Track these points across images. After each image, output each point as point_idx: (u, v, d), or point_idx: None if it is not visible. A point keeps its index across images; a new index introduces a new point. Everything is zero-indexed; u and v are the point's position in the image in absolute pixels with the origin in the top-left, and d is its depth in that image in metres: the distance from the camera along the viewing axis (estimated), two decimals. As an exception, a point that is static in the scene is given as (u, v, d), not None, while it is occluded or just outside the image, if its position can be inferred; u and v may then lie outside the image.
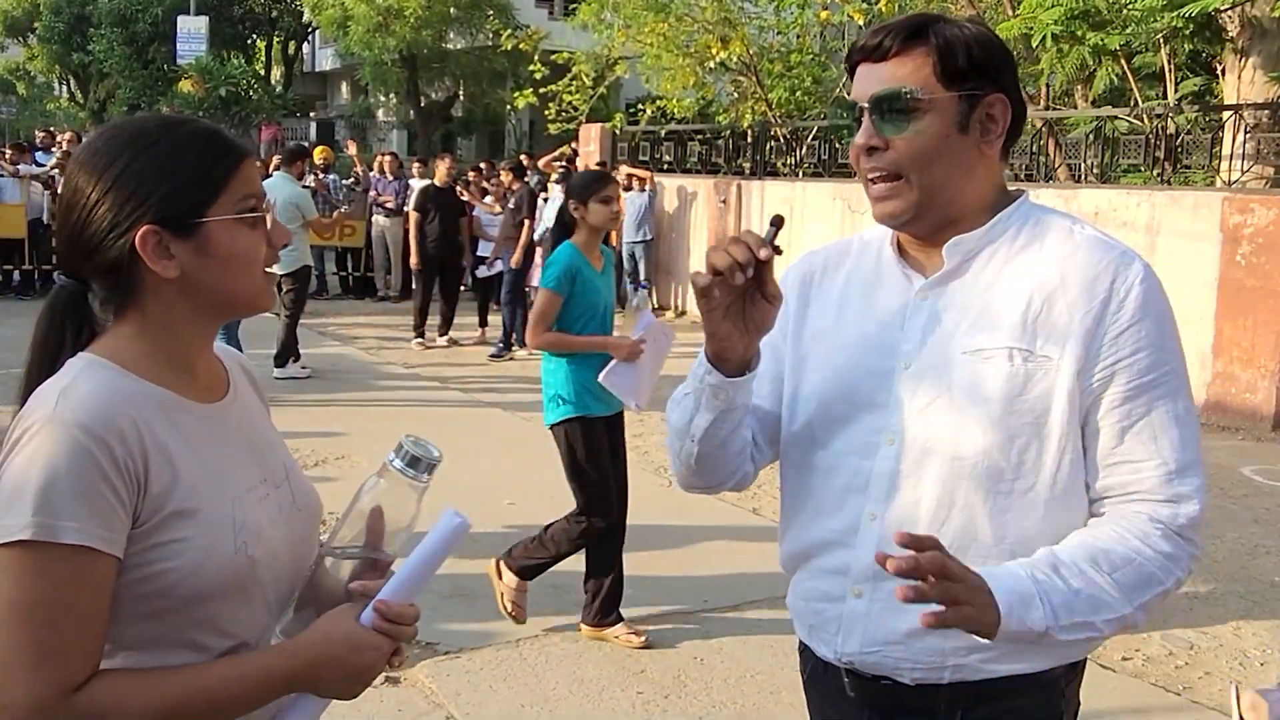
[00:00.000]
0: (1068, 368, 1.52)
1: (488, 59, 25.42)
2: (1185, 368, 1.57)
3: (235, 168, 1.36)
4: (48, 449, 1.22)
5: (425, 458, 1.36)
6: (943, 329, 1.58)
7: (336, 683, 1.34)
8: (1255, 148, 9.24)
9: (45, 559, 1.21)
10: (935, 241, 1.61)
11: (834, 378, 1.65)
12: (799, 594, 1.73)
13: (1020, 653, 1.57)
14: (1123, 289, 1.52)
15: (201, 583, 1.30)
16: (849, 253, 1.75)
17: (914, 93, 1.54)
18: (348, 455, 6.56)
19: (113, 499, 1.24)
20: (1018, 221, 1.62)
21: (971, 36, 1.57)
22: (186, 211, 1.32)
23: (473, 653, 4.19)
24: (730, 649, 4.29)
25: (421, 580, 1.37)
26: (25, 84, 40.47)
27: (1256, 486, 6.94)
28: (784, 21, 14.27)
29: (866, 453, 1.61)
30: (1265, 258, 8.31)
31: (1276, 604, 4.97)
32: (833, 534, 1.64)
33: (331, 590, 1.41)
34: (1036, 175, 11.05)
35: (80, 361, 1.32)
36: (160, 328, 1.36)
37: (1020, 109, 1.61)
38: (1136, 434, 1.52)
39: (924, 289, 1.61)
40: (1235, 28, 9.99)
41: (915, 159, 1.55)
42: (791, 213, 12.60)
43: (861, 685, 1.66)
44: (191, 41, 27.31)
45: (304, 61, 36.22)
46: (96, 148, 1.36)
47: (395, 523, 1.39)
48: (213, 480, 1.34)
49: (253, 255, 1.37)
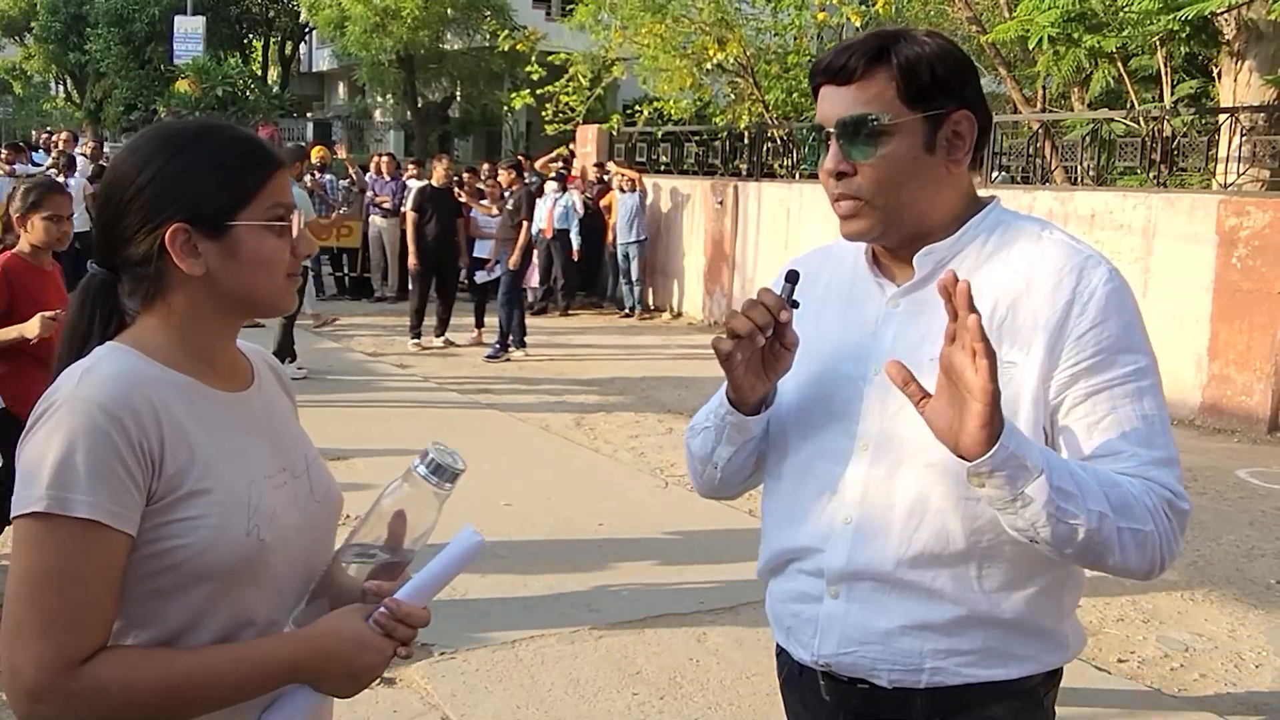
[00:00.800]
0: (1032, 371, 1.53)
1: (485, 60, 25.44)
2: (1155, 366, 1.56)
3: (269, 177, 1.41)
4: (66, 426, 1.27)
5: (449, 466, 1.39)
6: (912, 336, 1.60)
7: (338, 678, 1.36)
8: (1251, 150, 9.25)
9: (57, 530, 1.26)
10: (906, 252, 1.63)
11: (810, 385, 1.67)
12: (776, 596, 1.75)
13: (999, 659, 1.59)
14: (1086, 291, 1.53)
15: (211, 561, 1.33)
16: (828, 260, 1.77)
17: (879, 119, 1.55)
18: (343, 456, 6.55)
19: (126, 477, 1.28)
20: (987, 229, 1.63)
21: (933, 54, 1.57)
22: (217, 213, 1.38)
23: (468, 654, 4.19)
24: (726, 651, 4.29)
25: (435, 589, 1.41)
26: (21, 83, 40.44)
27: (1252, 489, 6.95)
28: (781, 23, 14.28)
29: (840, 458, 1.62)
30: (1261, 260, 8.33)
31: (1272, 606, 4.97)
32: (808, 539, 1.65)
33: (347, 588, 1.43)
34: (1033, 177, 11.07)
35: (106, 348, 1.38)
36: (184, 320, 1.41)
37: (985, 120, 1.61)
38: (1105, 431, 1.52)
39: (895, 297, 1.64)
40: (1232, 31, 10.01)
41: (882, 185, 1.57)
42: (788, 215, 12.62)
43: (838, 689, 1.66)
44: (188, 41, 27.28)
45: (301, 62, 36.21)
46: (137, 145, 1.42)
47: (415, 528, 1.42)
48: (230, 464, 1.38)
49: (277, 261, 1.42)
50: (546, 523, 5.76)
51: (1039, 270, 1.56)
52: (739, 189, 13.47)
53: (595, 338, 12.37)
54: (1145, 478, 1.50)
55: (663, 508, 6.13)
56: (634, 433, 7.89)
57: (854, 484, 1.61)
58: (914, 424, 1.55)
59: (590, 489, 6.52)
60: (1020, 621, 1.59)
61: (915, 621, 1.58)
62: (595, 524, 5.81)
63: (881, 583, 1.59)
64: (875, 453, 1.60)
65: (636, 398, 9.14)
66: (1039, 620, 1.60)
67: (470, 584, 4.70)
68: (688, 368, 10.23)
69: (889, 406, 1.59)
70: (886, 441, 1.59)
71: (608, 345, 11.80)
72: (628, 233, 13.79)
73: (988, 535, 1.55)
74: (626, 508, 6.09)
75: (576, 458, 7.27)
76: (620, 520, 5.89)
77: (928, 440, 1.54)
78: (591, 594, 4.84)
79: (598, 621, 4.52)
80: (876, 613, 1.59)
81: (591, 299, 14.88)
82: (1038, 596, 1.59)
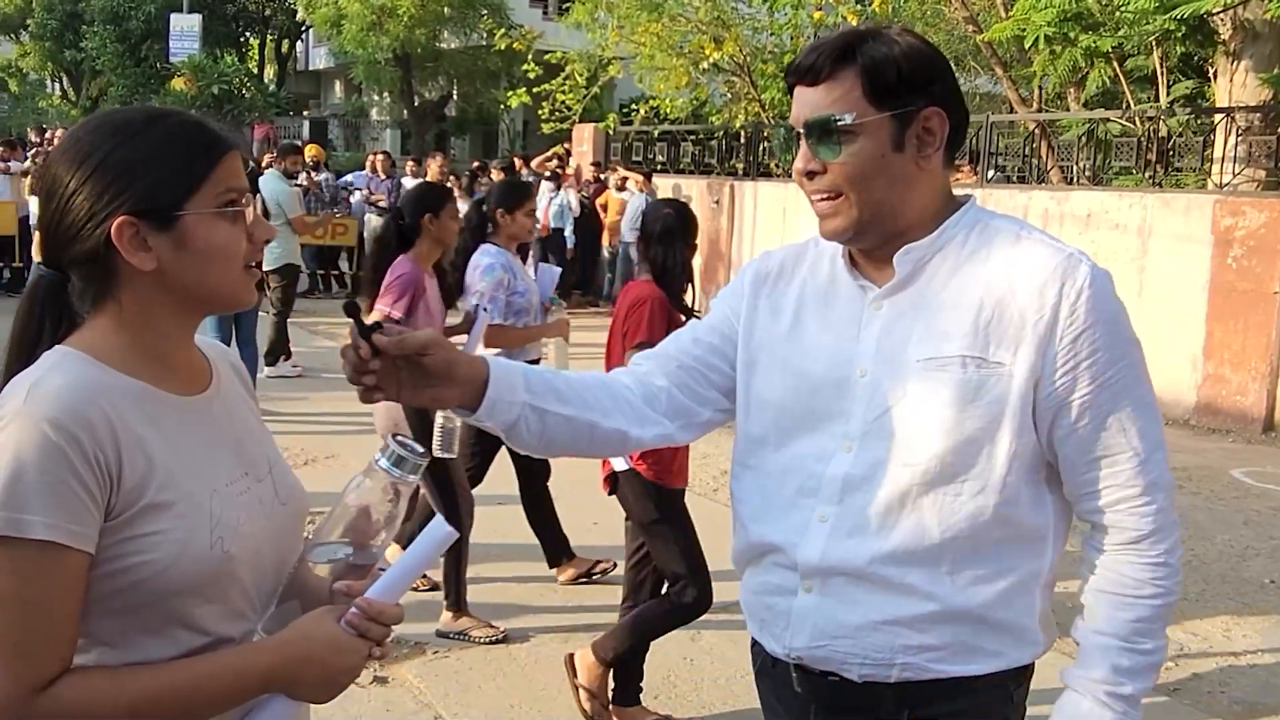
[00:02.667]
0: (1020, 373, 1.55)
1: (481, 58, 25.41)
2: (1142, 359, 1.61)
3: (217, 161, 1.34)
4: (15, 443, 1.20)
5: (411, 458, 1.35)
6: (896, 338, 1.61)
7: (313, 684, 1.32)
8: (1247, 150, 9.25)
9: (12, 554, 1.20)
10: (884, 253, 1.63)
11: (792, 385, 1.68)
12: (750, 589, 1.76)
13: (969, 654, 1.61)
14: (1073, 292, 1.54)
15: (176, 577, 1.28)
16: (804, 259, 1.76)
17: (843, 119, 1.56)
18: (337, 454, 6.53)
19: (83, 493, 1.22)
20: (965, 228, 1.63)
21: (901, 53, 1.57)
22: (165, 204, 1.31)
23: (461, 652, 4.18)
24: (720, 650, 4.28)
25: (406, 584, 1.37)
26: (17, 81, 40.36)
27: (1246, 489, 6.95)
28: (777, 22, 14.27)
29: (822, 458, 1.63)
30: (1256, 260, 8.33)
31: (1266, 606, 4.97)
32: (784, 533, 1.67)
33: (316, 587, 1.39)
34: (1029, 177, 11.07)
35: (55, 354, 1.31)
36: (137, 320, 1.34)
37: (960, 116, 1.62)
38: (1107, 431, 1.57)
39: (877, 299, 1.64)
40: (1227, 31, 10.01)
41: (852, 180, 1.58)
42: (784, 214, 12.61)
43: (809, 681, 1.68)
44: (184, 39, 27.23)
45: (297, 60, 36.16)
46: (78, 137, 1.34)
47: (380, 523, 1.38)
48: (190, 473, 1.32)
49: (231, 250, 1.35)
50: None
51: (1022, 271, 1.57)
52: (735, 188, 13.47)
53: (591, 335, 12.33)
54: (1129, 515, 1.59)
55: (657, 506, 6.11)
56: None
57: (833, 482, 1.62)
58: (897, 425, 1.58)
59: (584, 487, 6.50)
60: (992, 617, 1.61)
61: (887, 617, 1.59)
62: (590, 522, 5.79)
63: (855, 578, 1.60)
64: (858, 452, 1.61)
65: (632, 396, 9.12)
66: (1011, 616, 1.62)
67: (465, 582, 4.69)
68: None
69: (873, 408, 1.60)
70: (869, 442, 1.60)
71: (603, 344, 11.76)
72: (630, 233, 13.78)
73: (962, 532, 1.57)
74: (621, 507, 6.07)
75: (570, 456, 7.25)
76: (614, 518, 5.86)
77: (909, 440, 1.57)
78: (585, 592, 4.83)
79: (592, 620, 4.51)
80: (848, 608, 1.61)
81: (587, 297, 14.87)
82: (1009, 592, 1.61)
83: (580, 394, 1.70)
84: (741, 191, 13.42)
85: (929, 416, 1.56)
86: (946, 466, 1.56)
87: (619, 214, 13.96)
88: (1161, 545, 1.59)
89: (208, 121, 1.40)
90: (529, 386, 1.64)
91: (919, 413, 1.57)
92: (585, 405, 1.69)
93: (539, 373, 1.68)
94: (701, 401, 1.78)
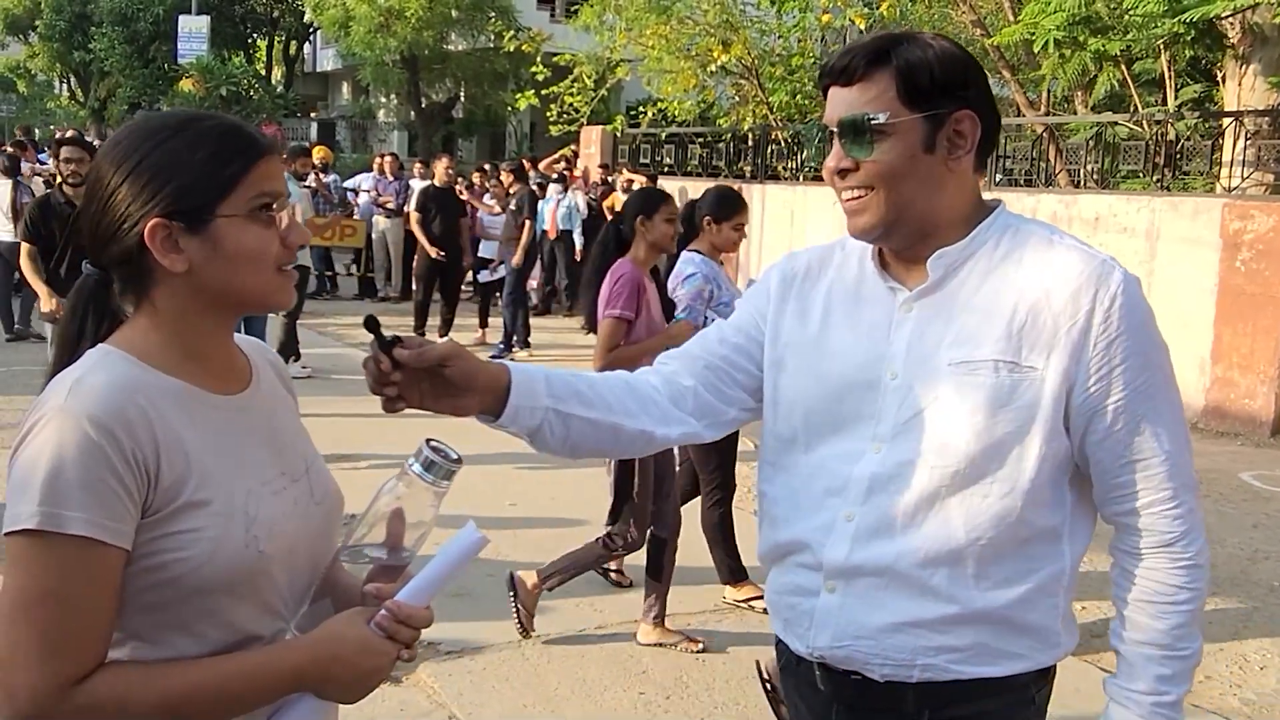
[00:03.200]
0: (1053, 378, 1.57)
1: (489, 60, 25.42)
2: (1169, 363, 1.65)
3: (251, 165, 1.35)
4: (56, 440, 1.23)
5: (444, 462, 1.37)
6: (928, 341, 1.62)
7: (342, 684, 1.33)
8: (1255, 154, 9.26)
9: (51, 549, 1.22)
10: (914, 255, 1.65)
11: (821, 386, 1.69)
12: (775, 588, 1.78)
13: (991, 656, 1.62)
14: (1106, 299, 1.57)
15: (210, 574, 1.29)
16: (831, 260, 1.78)
17: (876, 118, 1.58)
18: (348, 455, 6.56)
19: (120, 490, 1.24)
20: (997, 232, 1.65)
21: (935, 56, 1.59)
22: (196, 207, 1.32)
23: (475, 653, 4.20)
24: (732, 650, 4.30)
25: (436, 588, 1.38)
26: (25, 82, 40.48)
27: (1255, 492, 6.96)
28: (785, 25, 14.30)
29: (851, 459, 1.64)
30: (1265, 264, 8.34)
31: (1276, 609, 4.98)
32: (809, 533, 1.68)
33: (349, 586, 1.41)
34: (1037, 180, 11.07)
35: (97, 353, 1.33)
36: (174, 319, 1.37)
37: (992, 121, 1.64)
38: (1141, 435, 1.60)
39: (908, 301, 1.65)
40: (1236, 34, 10.02)
41: (881, 181, 1.60)
42: (792, 217, 12.63)
43: (832, 678, 1.69)
44: (193, 41, 27.32)
45: (305, 62, 36.24)
46: (119, 139, 1.37)
47: (413, 527, 1.39)
48: (227, 472, 1.34)
49: (263, 253, 1.36)
50: (551, 523, 5.77)
51: (1056, 277, 1.59)
52: (742, 190, 13.47)
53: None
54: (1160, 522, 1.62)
55: (667, 508, 6.13)
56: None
57: (861, 483, 1.63)
58: (929, 428, 1.59)
59: (594, 489, 6.52)
60: (1014, 619, 1.62)
61: (909, 619, 1.61)
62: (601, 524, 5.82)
63: (878, 579, 1.62)
64: (886, 454, 1.62)
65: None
66: (1033, 618, 1.63)
67: (476, 584, 4.71)
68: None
69: (904, 410, 1.61)
70: (899, 443, 1.61)
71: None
72: (633, 234, 13.80)
73: (987, 534, 1.58)
74: (631, 508, 6.09)
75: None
76: (625, 520, 5.90)
77: (938, 442, 1.58)
78: (597, 594, 4.85)
79: (603, 621, 4.54)
80: (871, 609, 1.62)
81: (595, 299, 14.89)
82: (1033, 594, 1.62)
83: (604, 396, 1.71)
84: (749, 194, 13.40)
85: (960, 420, 1.58)
86: (976, 469, 1.57)
87: (626, 216, 13.97)
88: (1193, 547, 1.61)
89: (246, 125, 1.41)
90: (551, 391, 1.66)
91: (950, 416, 1.58)
92: (609, 408, 1.71)
93: (561, 376, 1.69)
94: (728, 401, 1.79)
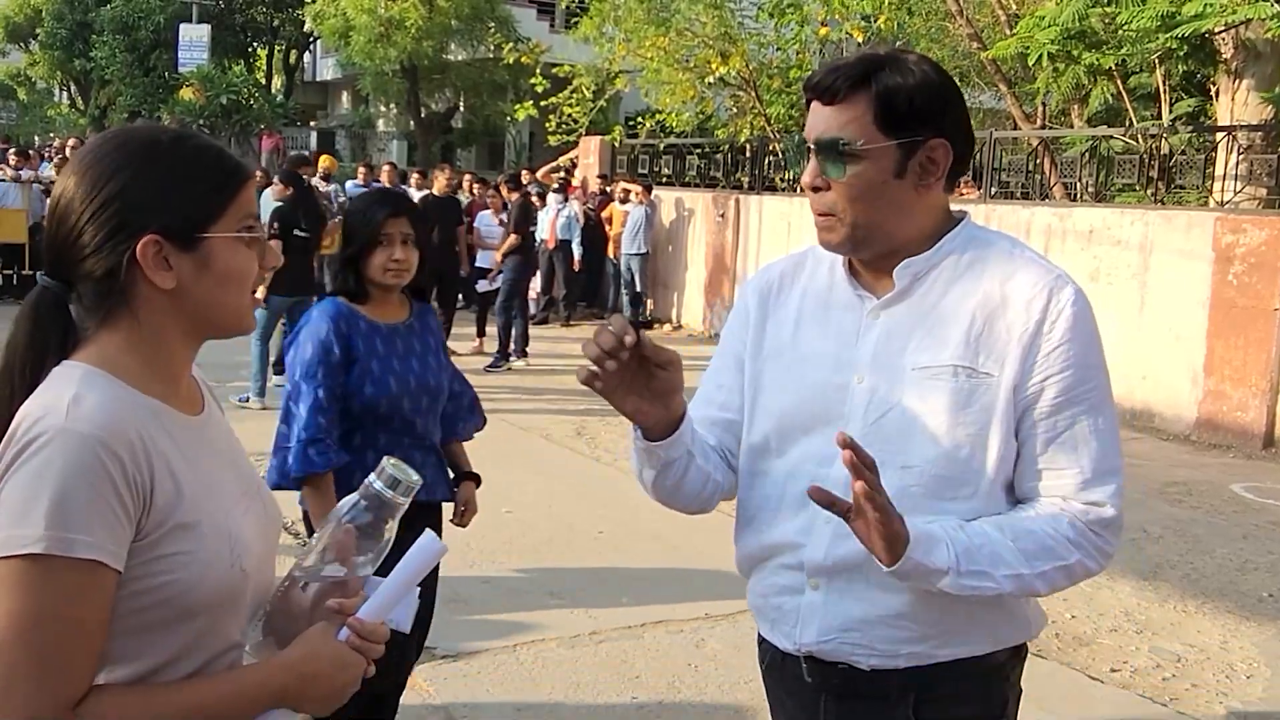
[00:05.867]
0: (1007, 382, 1.64)
1: (488, 71, 25.49)
2: (1108, 383, 1.70)
3: (240, 187, 1.38)
4: (61, 460, 1.21)
5: (405, 480, 1.38)
6: (893, 346, 1.70)
7: (320, 698, 1.35)
8: (1248, 168, 9.32)
9: (55, 572, 1.20)
10: (882, 265, 1.73)
11: (793, 391, 1.76)
12: (758, 591, 1.85)
13: (968, 638, 1.71)
14: (1055, 310, 1.64)
15: (201, 595, 1.31)
16: (804, 266, 1.85)
17: (850, 144, 1.64)
18: (346, 462, 6.60)
19: (121, 513, 1.24)
20: (962, 244, 1.72)
21: (914, 85, 1.65)
22: (191, 225, 1.33)
23: (470, 657, 4.24)
24: (724, 656, 4.34)
25: (396, 600, 1.40)
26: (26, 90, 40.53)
27: (1246, 503, 7.01)
28: (783, 38, 14.38)
29: (824, 461, 1.70)
30: (1257, 277, 8.40)
31: (1264, 618, 5.03)
32: (791, 534, 1.75)
33: (299, 607, 1.40)
34: (1032, 193, 11.14)
35: (77, 370, 1.31)
36: (151, 338, 1.36)
37: (965, 148, 1.70)
38: (1060, 444, 1.66)
39: (875, 308, 1.73)
40: (1229, 49, 10.09)
41: (850, 202, 1.67)
42: (789, 228, 12.69)
43: (820, 670, 1.76)
44: (193, 49, 27.38)
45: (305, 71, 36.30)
46: (102, 154, 1.35)
47: (370, 542, 1.40)
48: (209, 493, 1.35)
49: (247, 274, 1.39)
50: (547, 530, 5.82)
51: (1013, 287, 1.66)
52: (740, 202, 13.55)
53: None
54: (1078, 500, 1.65)
55: (661, 516, 6.14)
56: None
57: (836, 484, 1.67)
58: (894, 431, 1.67)
59: (590, 497, 6.58)
60: (986, 603, 1.69)
61: (892, 610, 1.69)
62: (595, 531, 5.87)
63: (859, 574, 1.69)
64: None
65: (637, 408, 9.19)
66: (1002, 601, 1.71)
67: (472, 589, 4.76)
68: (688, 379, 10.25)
69: (870, 413, 1.69)
70: (868, 445, 1.66)
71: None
72: (631, 244, 13.86)
73: None
74: (626, 516, 6.14)
75: (577, 466, 7.33)
76: (619, 528, 5.95)
77: (906, 444, 1.66)
78: (591, 599, 4.89)
79: (597, 626, 4.58)
80: (854, 603, 1.70)
81: (593, 310, 14.95)
82: None
83: (704, 449, 1.81)
84: (746, 205, 13.50)
85: (924, 422, 1.66)
86: (941, 469, 1.65)
87: (623, 226, 14.06)
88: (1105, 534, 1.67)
89: (225, 147, 1.46)
90: (692, 436, 1.76)
91: (914, 418, 1.66)
92: (705, 458, 1.81)
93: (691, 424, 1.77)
94: None
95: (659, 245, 14.44)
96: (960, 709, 1.74)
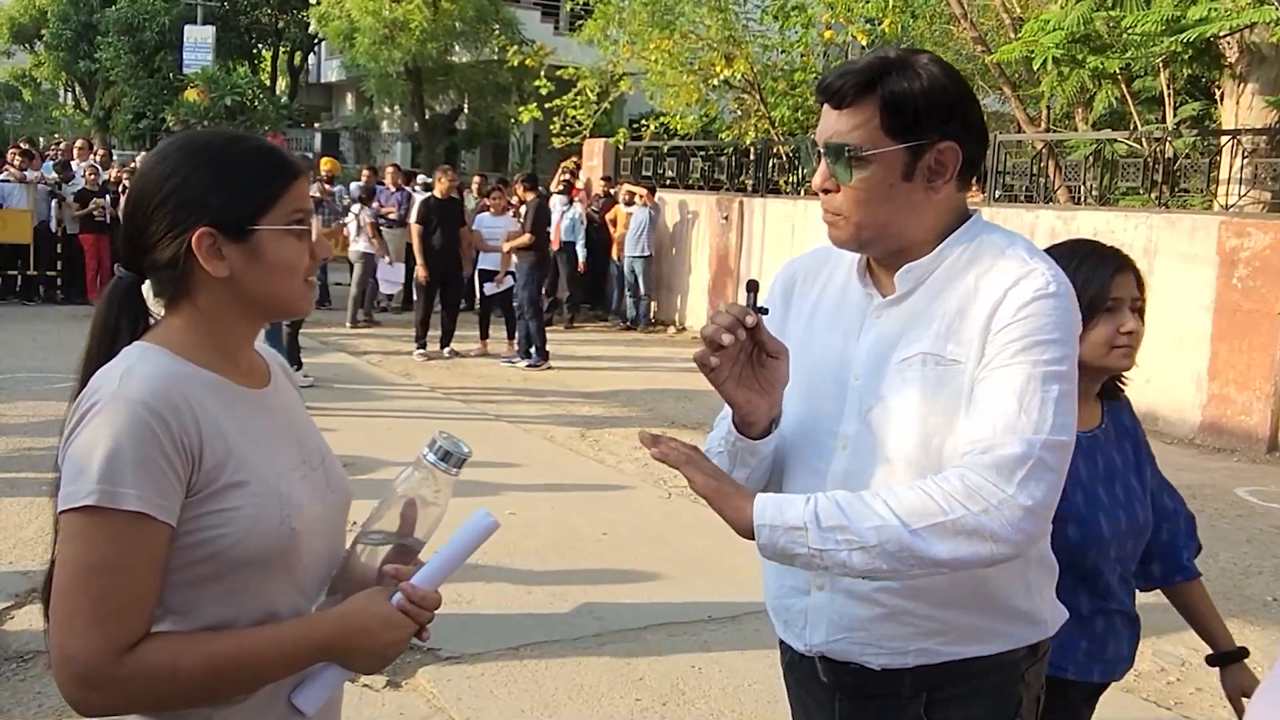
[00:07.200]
0: (969, 369, 1.63)
1: (492, 73, 25.52)
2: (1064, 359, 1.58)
3: (290, 183, 1.48)
4: (112, 423, 1.33)
5: (456, 452, 1.48)
6: (884, 343, 1.71)
7: (366, 654, 1.44)
8: (1253, 172, 9.32)
9: (107, 524, 1.33)
10: (891, 264, 1.74)
11: (803, 385, 1.77)
12: (772, 592, 1.86)
13: (976, 637, 1.70)
14: (1016, 294, 1.60)
15: (248, 550, 1.40)
16: (827, 262, 1.86)
17: (857, 149, 1.65)
18: (350, 464, 6.61)
19: (169, 470, 1.35)
20: (963, 244, 1.71)
21: (921, 88, 1.64)
22: (241, 218, 1.45)
23: (474, 658, 4.24)
24: (728, 659, 4.34)
25: (449, 570, 1.49)
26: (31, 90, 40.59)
27: (1251, 507, 7.00)
28: (788, 40, 14.38)
29: (825, 455, 1.73)
30: (1261, 281, 8.39)
31: (1269, 622, 5.02)
32: None
33: (363, 574, 1.51)
34: (1036, 197, 11.14)
35: (137, 348, 1.44)
36: (209, 320, 1.48)
37: (976, 149, 1.69)
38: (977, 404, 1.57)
39: (879, 308, 1.74)
40: (1234, 53, 10.09)
41: (857, 204, 1.68)
42: (793, 230, 12.70)
43: (833, 669, 1.78)
44: (197, 51, 27.44)
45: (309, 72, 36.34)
46: (166, 154, 1.49)
47: (426, 513, 1.50)
48: (261, 456, 1.45)
49: (296, 264, 1.49)
50: (551, 532, 5.82)
51: (988, 279, 1.65)
52: (744, 204, 13.55)
53: (599, 350, 12.43)
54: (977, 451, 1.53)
55: (665, 518, 6.18)
56: (637, 444, 7.93)
57: (835, 479, 1.70)
58: (878, 423, 1.68)
59: (594, 499, 6.58)
60: (991, 600, 1.69)
61: (895, 608, 1.69)
62: (599, 534, 5.87)
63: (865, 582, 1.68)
64: (853, 450, 1.71)
65: (640, 410, 9.20)
66: (1009, 599, 1.71)
67: (476, 591, 4.76)
68: (691, 381, 10.27)
69: (860, 409, 1.70)
70: (862, 440, 1.70)
71: (612, 358, 11.86)
72: (634, 247, 13.87)
73: None
74: (629, 518, 6.15)
75: (580, 468, 7.33)
76: (623, 530, 5.95)
77: (896, 439, 1.67)
78: (594, 601, 4.89)
79: (601, 629, 4.58)
80: (857, 602, 1.71)
81: (596, 312, 14.96)
82: (1001, 576, 1.68)
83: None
84: (750, 208, 13.51)
85: (901, 414, 1.66)
86: (921, 459, 1.64)
87: (627, 228, 14.07)
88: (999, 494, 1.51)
89: (280, 147, 1.56)
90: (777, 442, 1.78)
91: (894, 410, 1.67)
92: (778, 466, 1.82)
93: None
94: None
95: (663, 248, 14.45)
96: (972, 709, 1.74)
